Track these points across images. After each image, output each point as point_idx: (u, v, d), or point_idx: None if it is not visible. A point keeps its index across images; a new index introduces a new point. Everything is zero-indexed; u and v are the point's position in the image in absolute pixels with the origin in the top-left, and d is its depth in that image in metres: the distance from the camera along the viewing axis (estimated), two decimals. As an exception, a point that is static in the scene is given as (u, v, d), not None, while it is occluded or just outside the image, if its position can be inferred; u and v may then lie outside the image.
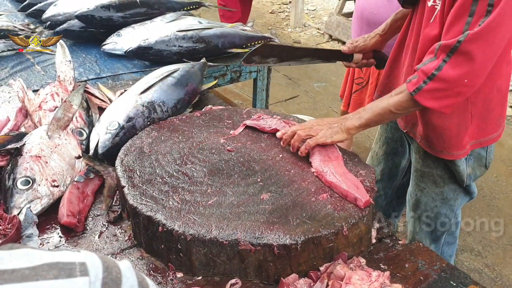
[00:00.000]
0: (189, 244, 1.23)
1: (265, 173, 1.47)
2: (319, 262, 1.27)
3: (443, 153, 1.66)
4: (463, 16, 1.33)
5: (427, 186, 1.79)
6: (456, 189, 1.77)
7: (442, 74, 1.36)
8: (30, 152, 1.53)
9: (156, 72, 1.98)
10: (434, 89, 1.39)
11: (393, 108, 1.47)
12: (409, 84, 1.43)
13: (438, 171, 1.74)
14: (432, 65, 1.38)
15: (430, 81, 1.38)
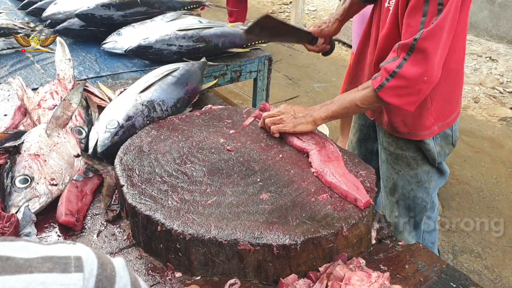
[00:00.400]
0: (188, 243, 1.22)
1: (265, 173, 1.47)
2: (318, 262, 1.26)
3: (411, 135, 1.76)
4: (417, 17, 1.42)
5: (402, 169, 1.86)
6: (429, 171, 1.85)
7: (403, 72, 1.45)
8: (28, 151, 1.52)
9: (156, 71, 1.97)
10: (396, 86, 1.47)
11: (359, 102, 1.56)
12: (374, 81, 1.51)
13: (410, 152, 1.81)
14: (394, 64, 1.46)
15: (392, 79, 1.46)
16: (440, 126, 1.75)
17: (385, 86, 1.47)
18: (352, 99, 1.57)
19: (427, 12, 1.41)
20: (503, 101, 4.87)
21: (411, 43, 1.42)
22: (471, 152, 3.98)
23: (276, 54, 5.61)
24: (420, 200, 1.89)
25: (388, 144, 1.87)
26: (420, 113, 1.68)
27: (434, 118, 1.72)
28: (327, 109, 1.60)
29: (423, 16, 1.41)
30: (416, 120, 1.71)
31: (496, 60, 5.48)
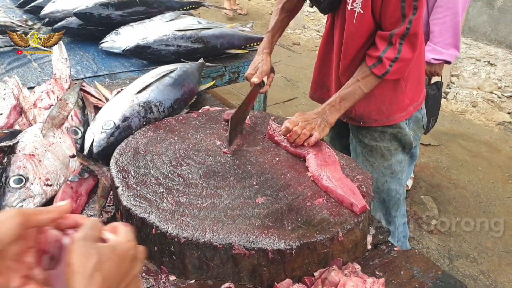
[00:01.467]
0: (182, 247, 1.21)
1: (261, 176, 1.46)
2: (313, 267, 1.26)
3: (389, 120, 1.89)
4: (397, 3, 1.57)
5: (376, 161, 1.98)
6: (402, 160, 1.99)
7: (403, 56, 1.65)
8: (23, 150, 1.51)
9: (153, 71, 1.96)
10: (398, 68, 1.67)
11: (365, 90, 1.71)
12: (376, 69, 1.67)
13: (384, 143, 1.94)
14: (393, 51, 1.64)
15: (395, 63, 1.65)
16: (415, 106, 1.91)
17: (390, 71, 1.66)
18: (359, 91, 1.70)
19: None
20: (501, 106, 4.87)
21: (404, 31, 1.61)
22: (468, 157, 3.98)
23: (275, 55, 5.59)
24: (394, 192, 2.01)
25: (363, 136, 1.97)
26: (396, 96, 1.85)
27: (409, 99, 1.88)
28: (338, 109, 1.71)
29: (403, 2, 1.57)
30: (394, 104, 1.86)
31: (494, 64, 5.49)
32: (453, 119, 4.62)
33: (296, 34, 6.65)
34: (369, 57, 1.69)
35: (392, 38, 1.63)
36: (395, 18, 1.61)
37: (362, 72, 1.71)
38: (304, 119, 1.64)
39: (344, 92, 1.71)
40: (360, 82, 1.70)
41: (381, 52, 1.66)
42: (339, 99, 1.71)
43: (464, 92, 5.08)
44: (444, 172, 3.75)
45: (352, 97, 1.71)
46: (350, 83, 1.72)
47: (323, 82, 2.02)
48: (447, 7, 2.44)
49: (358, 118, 1.92)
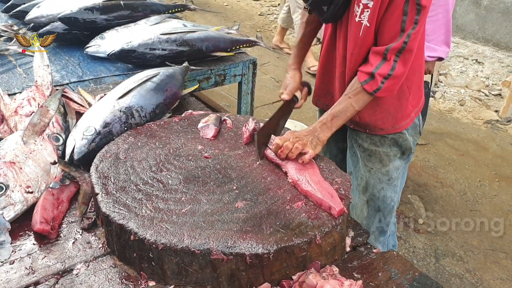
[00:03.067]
0: (160, 253, 1.22)
1: (241, 180, 1.47)
2: (292, 271, 1.27)
3: (395, 128, 1.87)
4: (398, 17, 1.53)
5: (374, 166, 1.95)
6: (399, 167, 1.97)
7: (396, 73, 1.61)
8: (4, 158, 1.51)
9: (135, 76, 1.97)
10: (390, 85, 1.64)
11: (357, 107, 1.69)
12: (367, 86, 1.64)
13: (384, 148, 1.91)
14: (387, 68, 1.60)
15: (387, 80, 1.61)
16: (416, 112, 1.90)
17: (381, 88, 1.63)
18: (351, 108, 1.68)
19: (408, 11, 1.52)
20: (488, 104, 4.91)
21: (401, 46, 1.56)
22: (456, 155, 4.01)
23: (264, 56, 5.63)
24: (389, 199, 2.00)
25: (362, 141, 1.94)
26: (401, 104, 1.82)
27: (412, 105, 1.86)
28: (329, 126, 1.67)
29: (404, 16, 1.53)
30: (399, 112, 1.84)
31: (482, 62, 5.52)
32: (440, 118, 4.65)
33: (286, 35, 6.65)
34: (361, 73, 1.66)
35: (387, 53, 1.59)
36: (394, 32, 1.56)
37: (354, 88, 1.68)
38: (295, 135, 1.60)
39: (336, 109, 1.69)
40: (352, 99, 1.68)
41: (374, 68, 1.61)
42: (330, 117, 1.68)
43: (451, 90, 5.11)
44: (431, 171, 3.78)
45: (343, 115, 1.68)
46: (342, 100, 1.70)
47: (327, 89, 1.99)
48: (439, 5, 2.44)
49: (364, 126, 1.89)
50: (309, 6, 1.74)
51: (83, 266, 1.31)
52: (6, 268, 1.30)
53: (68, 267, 1.31)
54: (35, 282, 1.26)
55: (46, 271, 1.29)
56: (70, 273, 1.29)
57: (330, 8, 1.66)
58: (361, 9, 1.58)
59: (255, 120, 1.76)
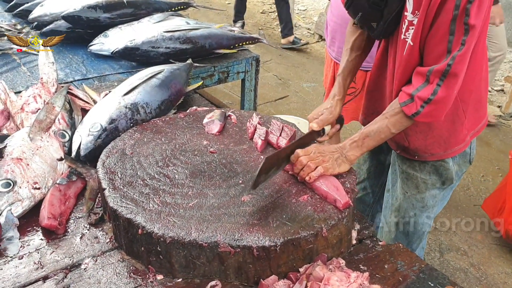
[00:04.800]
0: (168, 246, 1.23)
1: (247, 175, 1.48)
2: (298, 263, 1.28)
3: (447, 153, 1.71)
4: (444, 36, 1.38)
5: (409, 191, 1.82)
6: (436, 195, 1.81)
7: (438, 97, 1.44)
8: (11, 155, 1.53)
9: (140, 73, 1.98)
10: (431, 111, 1.47)
11: (394, 129, 1.54)
12: (406, 108, 1.49)
13: (422, 174, 1.77)
14: (428, 91, 1.44)
15: (427, 105, 1.45)
16: (471, 135, 1.73)
17: (421, 113, 1.47)
18: (386, 128, 1.54)
19: (455, 31, 1.37)
20: (491, 100, 4.91)
21: (445, 68, 1.40)
22: (459, 151, 4.01)
23: (266, 54, 5.63)
24: (420, 226, 1.86)
25: (401, 162, 1.82)
26: (455, 128, 1.67)
27: (467, 129, 1.69)
28: (360, 145, 1.55)
29: (451, 35, 1.38)
30: (452, 137, 1.68)
31: (484, 58, 5.52)
32: (443, 114, 4.64)
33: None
34: (402, 94, 1.52)
35: (430, 75, 1.44)
36: (439, 52, 1.41)
37: (392, 109, 1.54)
38: (319, 150, 1.50)
39: (370, 129, 1.55)
40: (389, 120, 1.53)
41: (414, 90, 1.47)
42: (363, 135, 1.55)
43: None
44: (435, 167, 3.77)
45: (377, 136, 1.54)
46: (378, 119, 1.56)
47: (375, 107, 1.85)
48: None
49: (412, 152, 1.75)
50: (357, 22, 1.64)
51: (91, 261, 1.32)
52: (15, 263, 1.31)
53: (76, 261, 1.32)
54: (44, 277, 1.27)
55: (55, 266, 1.30)
56: (78, 267, 1.30)
57: (380, 24, 1.55)
58: (406, 26, 1.47)
59: (259, 115, 1.77)
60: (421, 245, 1.96)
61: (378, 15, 1.54)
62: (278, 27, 6.86)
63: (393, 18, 1.51)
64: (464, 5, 1.32)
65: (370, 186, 2.14)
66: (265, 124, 1.72)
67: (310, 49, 6.18)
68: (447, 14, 1.35)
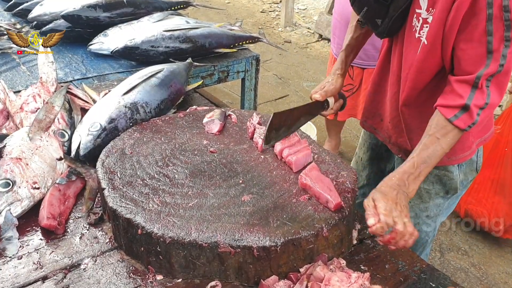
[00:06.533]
0: (168, 246, 1.22)
1: (247, 174, 1.47)
2: (299, 263, 1.27)
3: (451, 160, 1.64)
4: (480, 39, 1.30)
5: (412, 201, 1.75)
6: (440, 204, 1.76)
7: (492, 101, 1.36)
8: (10, 154, 1.52)
9: (140, 72, 1.97)
10: (485, 116, 1.39)
11: (448, 148, 1.43)
12: (459, 122, 1.38)
13: (425, 185, 1.72)
14: (482, 97, 1.35)
15: (482, 111, 1.37)
16: (478, 143, 1.67)
17: (477, 122, 1.38)
18: (440, 151, 1.41)
19: (493, 31, 1.28)
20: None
21: (497, 69, 1.32)
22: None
23: (266, 53, 5.62)
24: (424, 234, 1.81)
25: None
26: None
27: (473, 136, 1.64)
28: (417, 175, 1.39)
29: (489, 36, 1.29)
30: (458, 143, 1.56)
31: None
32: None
33: (287, 31, 6.65)
34: (445, 109, 1.40)
35: (479, 81, 1.33)
36: (477, 56, 1.32)
37: (441, 128, 1.40)
38: (393, 201, 1.31)
39: (424, 155, 1.40)
40: (441, 140, 1.40)
41: (467, 99, 1.35)
42: (418, 164, 1.40)
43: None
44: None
45: (434, 160, 1.41)
46: (428, 142, 1.41)
47: (376, 110, 1.81)
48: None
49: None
50: (362, 19, 1.58)
51: (90, 261, 1.32)
52: (14, 263, 1.30)
53: (75, 262, 1.31)
54: (43, 277, 1.26)
55: (54, 266, 1.30)
56: (77, 267, 1.30)
57: (385, 21, 1.50)
58: (420, 24, 1.40)
59: (259, 114, 1.76)
60: (425, 252, 1.91)
61: (383, 11, 1.49)
62: (277, 26, 6.85)
63: (399, 15, 1.46)
64: (500, 1, 1.24)
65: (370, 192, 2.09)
66: (265, 124, 1.72)
67: (310, 48, 6.17)
68: (480, 17, 1.28)
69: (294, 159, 1.49)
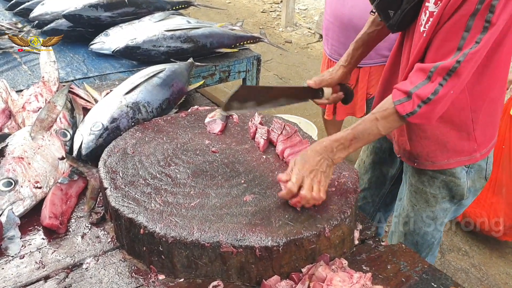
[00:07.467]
0: (170, 246, 1.22)
1: (249, 174, 1.47)
2: (301, 263, 1.27)
3: (449, 163, 1.62)
4: (457, 32, 1.28)
5: (418, 204, 1.76)
6: (447, 209, 1.75)
7: (438, 97, 1.32)
8: (12, 153, 1.52)
9: (142, 72, 1.97)
10: (428, 111, 1.36)
11: (384, 131, 1.42)
12: (400, 107, 1.37)
13: (432, 189, 1.71)
14: (428, 90, 1.33)
15: (425, 105, 1.34)
16: (482, 153, 1.63)
17: (416, 113, 1.35)
18: (375, 131, 1.41)
19: (471, 27, 1.26)
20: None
21: (453, 65, 1.28)
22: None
23: (267, 53, 5.63)
24: (429, 236, 1.80)
25: (411, 174, 1.76)
26: (461, 137, 1.57)
27: (477, 144, 1.59)
28: (347, 146, 1.41)
29: (466, 32, 1.26)
30: (458, 146, 1.58)
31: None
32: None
33: (288, 32, 6.66)
34: (396, 91, 1.40)
35: (434, 72, 1.32)
36: (448, 48, 1.30)
37: (384, 109, 1.41)
38: (308, 168, 1.36)
39: (358, 129, 1.42)
40: (379, 122, 1.40)
41: (413, 87, 1.35)
42: (350, 136, 1.41)
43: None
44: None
45: (366, 137, 1.42)
46: (367, 119, 1.43)
47: None
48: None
49: (413, 157, 1.67)
50: (375, 8, 1.54)
51: (92, 260, 1.32)
52: (17, 263, 1.30)
53: (78, 261, 1.31)
54: (46, 276, 1.26)
55: (56, 265, 1.30)
56: (80, 267, 1.30)
57: (397, 13, 1.46)
58: (427, 18, 1.36)
59: (261, 114, 1.77)
60: (431, 253, 1.88)
61: (397, 3, 1.45)
62: (278, 26, 6.85)
63: (411, 8, 1.42)
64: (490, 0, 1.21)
65: (371, 196, 2.08)
66: (267, 124, 1.72)
67: (311, 48, 6.17)
68: (469, 8, 1.25)
69: None
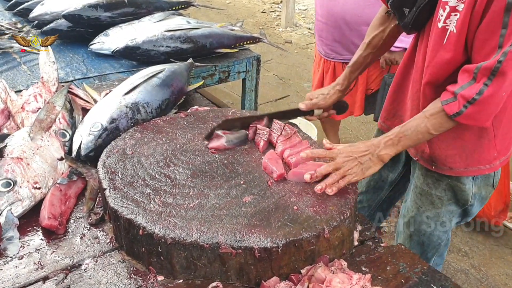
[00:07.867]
0: (169, 247, 1.22)
1: (248, 175, 1.47)
2: (300, 265, 1.27)
3: (467, 170, 1.61)
4: (495, 29, 1.26)
5: (423, 205, 1.75)
6: (453, 211, 1.74)
7: (483, 98, 1.32)
8: (11, 154, 1.52)
9: (141, 72, 1.97)
10: (475, 112, 1.35)
11: (433, 130, 1.43)
12: (447, 107, 1.38)
13: (437, 191, 1.71)
14: (473, 90, 1.32)
15: (471, 105, 1.34)
16: (502, 161, 1.61)
17: (463, 113, 1.35)
18: (425, 129, 1.42)
19: (508, 23, 1.23)
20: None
21: (495, 65, 1.27)
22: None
23: (267, 53, 5.62)
24: (436, 237, 1.80)
25: (417, 177, 1.76)
26: (481, 143, 1.55)
27: (497, 151, 1.58)
28: (395, 144, 1.44)
29: (503, 28, 1.24)
30: (476, 152, 1.57)
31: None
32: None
33: (288, 32, 6.66)
34: (445, 92, 1.41)
35: (478, 72, 1.31)
36: (489, 47, 1.29)
37: (433, 107, 1.42)
38: (347, 152, 1.39)
39: (408, 126, 1.43)
40: (428, 120, 1.41)
41: (458, 88, 1.35)
42: (400, 134, 1.43)
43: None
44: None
45: (415, 135, 1.42)
46: (417, 117, 1.44)
47: (396, 110, 1.77)
48: None
49: (431, 160, 1.65)
50: (390, 7, 1.54)
51: (91, 261, 1.31)
52: (15, 263, 1.30)
53: (76, 262, 1.31)
54: (44, 277, 1.26)
55: (55, 266, 1.29)
56: (78, 268, 1.29)
57: (412, 11, 1.46)
58: (447, 13, 1.36)
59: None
60: (438, 254, 1.87)
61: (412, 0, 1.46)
62: (278, 26, 6.85)
63: (426, 5, 1.43)
64: None
65: (367, 200, 2.08)
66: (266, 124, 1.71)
67: (311, 48, 6.17)
68: (500, 3, 1.22)
69: (293, 160, 1.50)
